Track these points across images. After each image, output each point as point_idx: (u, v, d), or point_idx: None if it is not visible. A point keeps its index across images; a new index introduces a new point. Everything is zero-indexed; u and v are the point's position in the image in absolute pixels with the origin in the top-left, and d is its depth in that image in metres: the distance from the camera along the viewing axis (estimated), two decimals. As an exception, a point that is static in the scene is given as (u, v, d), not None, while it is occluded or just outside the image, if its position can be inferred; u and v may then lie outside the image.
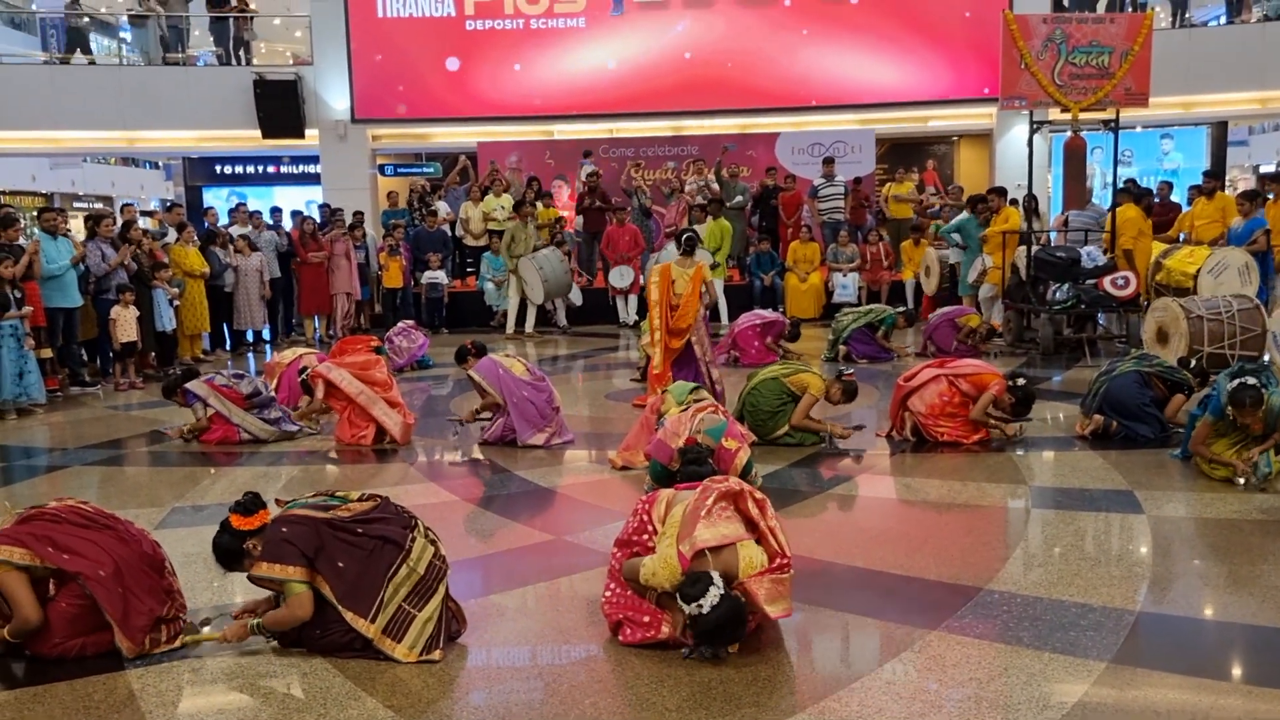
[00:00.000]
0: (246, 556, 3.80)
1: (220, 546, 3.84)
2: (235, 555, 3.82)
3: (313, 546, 3.69)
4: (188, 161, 21.88)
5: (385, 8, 17.36)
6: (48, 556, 3.71)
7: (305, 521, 3.75)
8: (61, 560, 3.72)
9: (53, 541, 3.74)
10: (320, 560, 3.69)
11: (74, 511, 3.90)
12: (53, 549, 3.73)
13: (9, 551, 3.70)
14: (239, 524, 3.79)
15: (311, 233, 13.42)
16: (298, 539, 3.69)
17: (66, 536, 3.78)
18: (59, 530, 3.79)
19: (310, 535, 3.71)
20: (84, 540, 3.79)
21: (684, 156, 16.69)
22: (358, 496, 3.94)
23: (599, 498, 6.00)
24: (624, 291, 14.19)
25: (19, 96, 17.16)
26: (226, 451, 7.37)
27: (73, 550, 3.75)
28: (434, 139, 18.78)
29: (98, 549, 3.78)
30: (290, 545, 3.68)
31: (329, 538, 3.72)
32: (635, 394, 8.89)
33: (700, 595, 3.50)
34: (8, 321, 8.61)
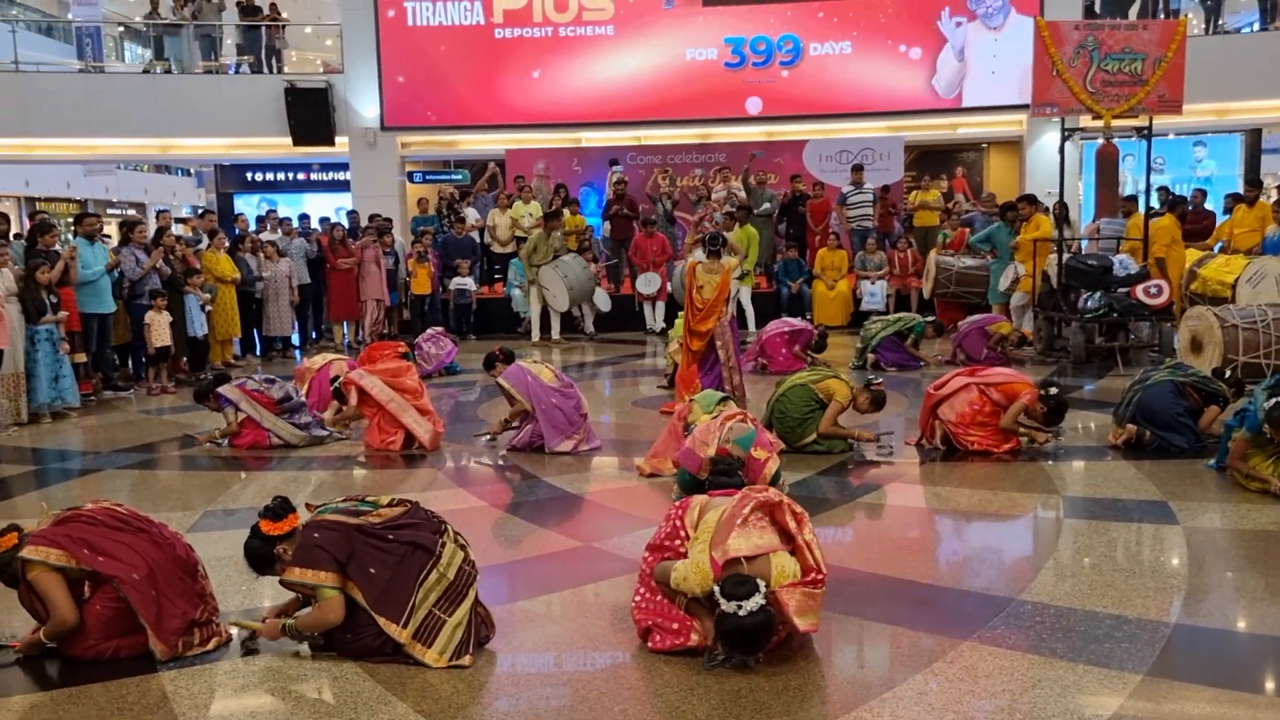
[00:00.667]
0: (277, 560, 3.82)
1: (251, 551, 3.87)
2: (266, 559, 3.85)
3: (344, 552, 3.71)
4: (219, 169, 22.09)
5: (415, 16, 17.46)
6: (83, 558, 3.75)
7: (336, 527, 3.77)
8: (96, 562, 3.76)
9: (88, 544, 3.78)
10: (351, 566, 3.71)
11: (109, 514, 3.94)
12: (88, 551, 3.77)
13: (45, 553, 3.74)
14: (268, 529, 3.82)
15: (341, 239, 13.51)
16: (329, 544, 3.71)
17: (101, 539, 3.82)
18: (94, 533, 3.83)
19: (341, 541, 3.73)
20: (118, 543, 3.83)
21: (711, 164, 16.70)
22: (388, 502, 3.96)
23: (627, 504, 6.00)
24: (651, 298, 14.19)
25: (54, 104, 17.38)
26: (257, 456, 7.43)
27: (107, 553, 3.79)
28: (462, 146, 18.86)
29: (132, 552, 3.82)
30: (322, 550, 3.70)
31: (360, 544, 3.74)
32: (663, 401, 8.88)
33: (745, 597, 3.48)
34: (44, 326, 8.72)
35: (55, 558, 3.74)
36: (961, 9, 17.01)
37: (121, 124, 17.65)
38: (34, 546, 3.77)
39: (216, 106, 17.69)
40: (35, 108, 17.25)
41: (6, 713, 3.52)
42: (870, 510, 5.81)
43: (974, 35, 17.14)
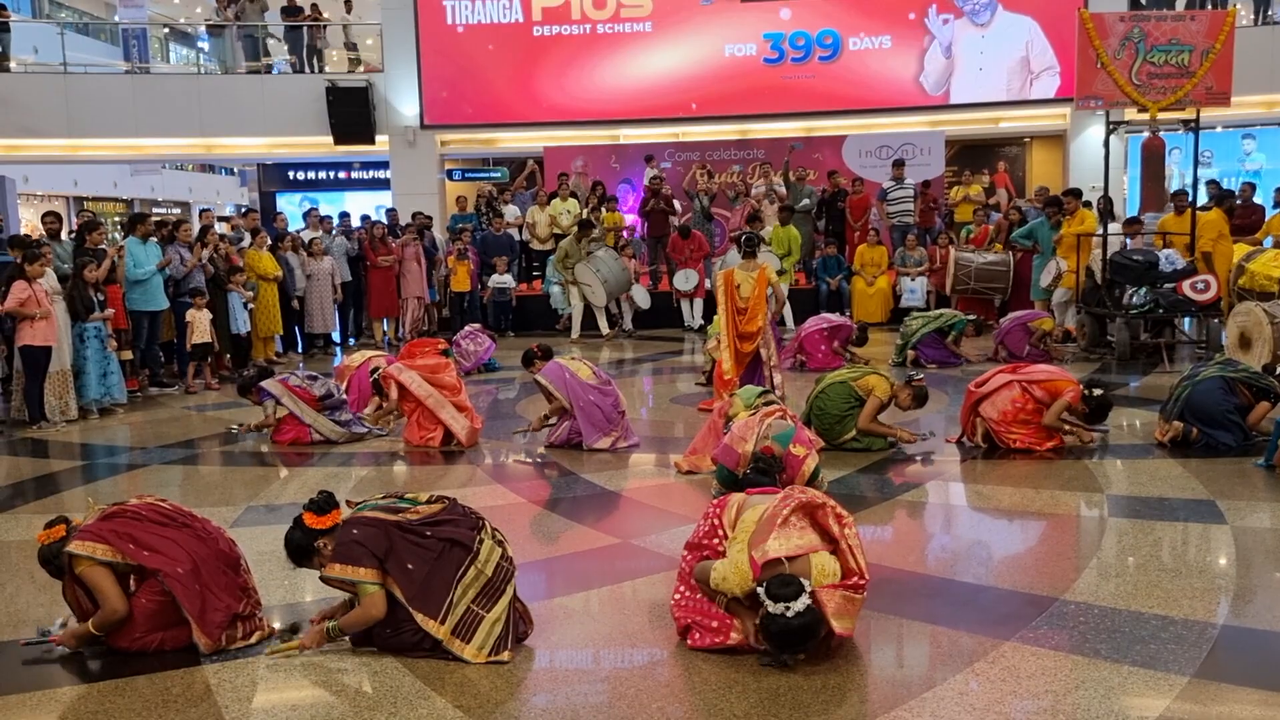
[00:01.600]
0: (317, 554, 3.86)
1: (292, 542, 3.91)
2: (306, 551, 3.89)
3: (383, 548, 3.74)
4: (262, 167, 22.34)
5: (454, 15, 17.57)
6: (129, 553, 3.81)
7: (375, 524, 3.79)
8: (142, 557, 3.82)
9: (134, 539, 3.84)
10: (390, 562, 3.74)
11: (154, 509, 3.99)
12: (134, 546, 3.82)
13: (92, 548, 3.80)
14: (312, 522, 3.85)
15: (381, 237, 13.61)
16: (368, 540, 3.74)
17: (147, 534, 3.88)
18: (140, 528, 3.89)
19: (380, 537, 3.76)
20: (163, 538, 3.89)
21: (750, 160, 16.65)
22: (426, 499, 3.98)
23: (665, 502, 6.00)
24: (688, 295, 14.17)
25: (102, 105, 17.67)
26: (299, 452, 7.51)
27: (152, 548, 3.84)
28: (501, 144, 18.96)
29: (176, 547, 3.88)
30: (361, 546, 3.73)
31: (398, 540, 3.77)
32: (701, 398, 8.86)
33: (791, 598, 3.46)
34: (92, 323, 8.87)
35: (102, 552, 3.80)
36: (949, 6, 16.99)
37: (167, 124, 17.92)
38: (80, 541, 3.83)
39: (259, 106, 17.91)
40: (83, 109, 17.56)
41: (54, 704, 3.59)
42: (910, 509, 5.76)
43: (960, 32, 17.18)
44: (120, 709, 3.49)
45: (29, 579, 4.90)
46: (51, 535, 3.91)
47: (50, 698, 3.63)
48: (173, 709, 3.47)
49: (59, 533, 3.90)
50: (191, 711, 3.45)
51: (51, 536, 3.91)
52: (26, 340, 8.30)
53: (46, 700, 3.61)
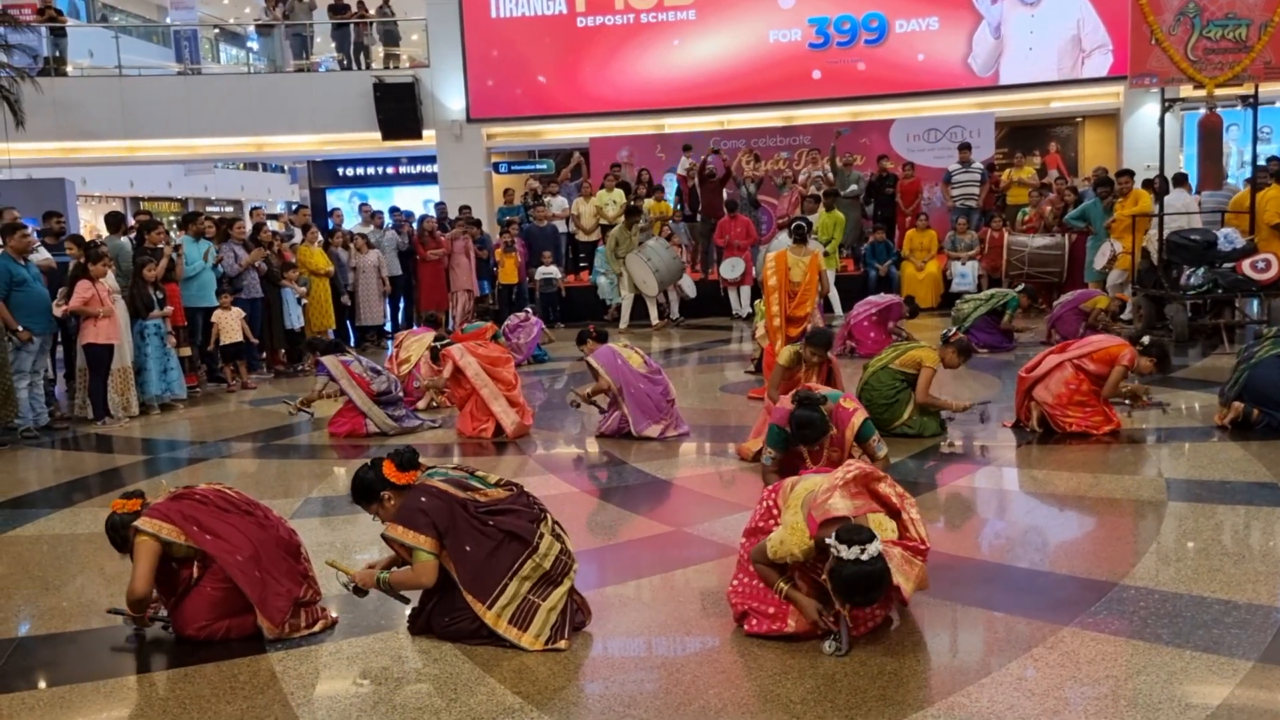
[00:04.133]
0: (379, 503, 3.91)
1: (362, 480, 3.94)
2: (369, 495, 3.92)
3: (445, 523, 3.77)
4: (312, 164, 22.61)
5: (498, 8, 17.66)
6: (192, 535, 3.90)
7: (443, 497, 3.83)
8: (204, 541, 3.90)
9: (198, 522, 3.94)
10: (449, 538, 3.77)
11: (219, 495, 4.09)
12: (197, 529, 3.91)
13: (158, 526, 3.90)
14: (389, 473, 3.88)
15: (430, 231, 13.73)
16: (432, 511, 3.78)
17: (210, 518, 3.97)
18: (204, 511, 3.98)
19: (444, 511, 3.79)
20: (225, 524, 3.98)
21: (796, 146, 16.55)
22: (495, 480, 4.01)
23: (716, 490, 6.01)
24: (736, 283, 14.13)
25: (156, 106, 17.99)
26: (354, 444, 7.62)
27: (214, 532, 3.93)
28: (546, 136, 19.02)
29: (238, 533, 3.96)
30: (425, 515, 3.77)
31: (461, 519, 3.80)
32: (750, 386, 8.86)
33: (865, 542, 3.40)
34: (152, 321, 9.06)
35: (167, 532, 3.90)
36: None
37: (219, 124, 18.20)
38: (149, 519, 3.93)
39: (308, 104, 18.12)
40: (138, 111, 17.89)
41: (124, 691, 3.69)
42: (966, 494, 5.72)
43: (1010, 11, 16.95)
44: (188, 696, 3.58)
45: (98, 572, 5.03)
46: (127, 506, 4.02)
47: (121, 685, 3.73)
48: (240, 695, 3.55)
49: (134, 505, 4.01)
50: (258, 698, 3.53)
51: (126, 507, 4.01)
52: (90, 338, 8.50)
53: (118, 688, 3.71)
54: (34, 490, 6.83)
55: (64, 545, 5.53)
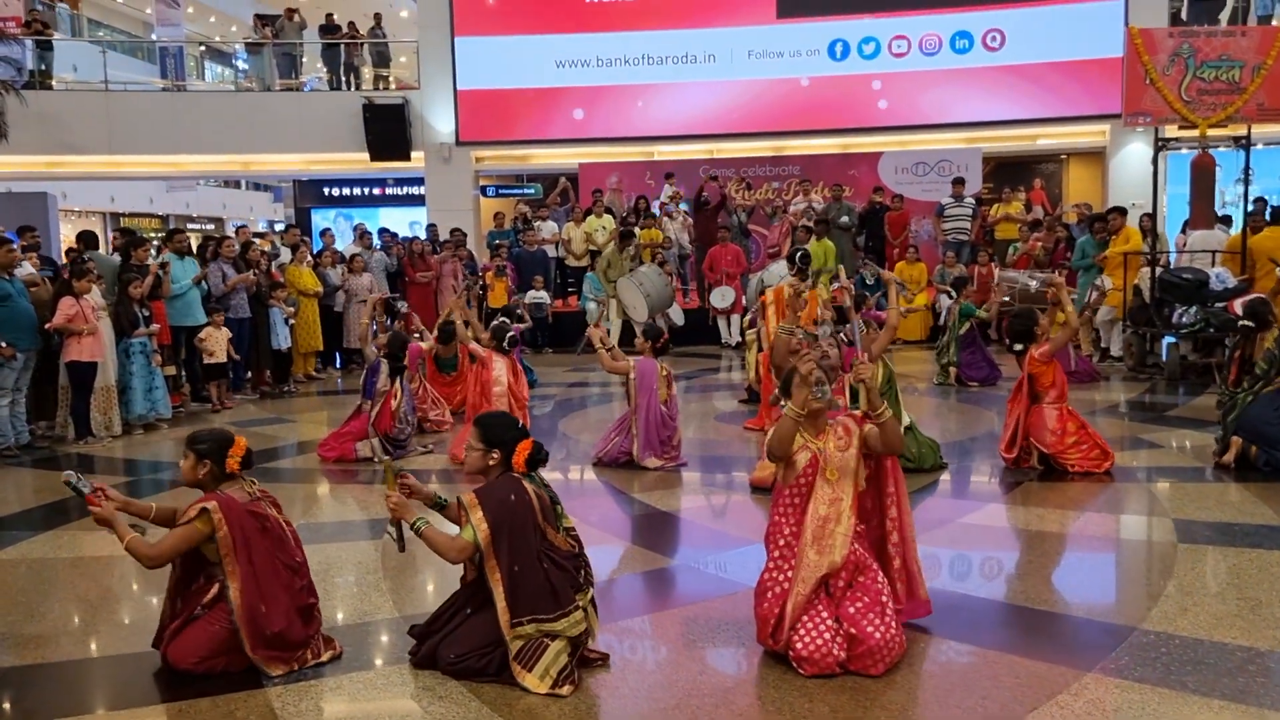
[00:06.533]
0: (488, 452, 3.78)
1: (504, 424, 3.87)
2: (496, 440, 3.80)
3: (506, 527, 3.65)
4: (298, 184, 22.48)
5: (490, 32, 17.64)
6: (231, 550, 3.72)
7: (526, 508, 3.71)
8: (233, 563, 3.73)
9: (249, 546, 3.77)
10: (502, 543, 3.65)
11: (277, 524, 3.92)
12: (245, 553, 3.75)
13: (220, 522, 3.72)
14: (518, 454, 3.75)
15: (420, 253, 13.61)
16: (505, 508, 3.67)
17: (257, 549, 3.80)
18: (258, 540, 3.81)
19: (516, 517, 3.67)
20: (263, 558, 3.81)
21: (786, 176, 16.58)
22: (567, 525, 3.88)
23: (719, 522, 5.93)
24: (725, 312, 14.08)
25: (141, 122, 17.82)
26: (343, 469, 7.47)
27: (250, 563, 3.76)
28: (535, 160, 18.98)
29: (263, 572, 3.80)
30: (500, 506, 3.67)
31: (527, 537, 3.68)
32: (745, 416, 8.78)
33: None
34: (137, 339, 8.89)
35: (222, 534, 3.72)
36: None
37: (205, 141, 18.05)
38: (219, 511, 3.75)
39: (296, 123, 18.00)
40: (123, 126, 17.71)
41: (116, 726, 3.54)
42: (974, 531, 5.64)
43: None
44: (185, 733, 3.43)
45: (76, 598, 4.88)
46: (229, 466, 3.86)
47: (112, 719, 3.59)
48: (238, 733, 3.41)
49: (234, 466, 3.86)
50: (257, 736, 3.39)
51: (229, 466, 3.86)
52: (73, 356, 8.31)
53: (109, 722, 3.56)
54: (14, 512, 6.64)
55: (46, 570, 5.35)
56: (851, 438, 3.86)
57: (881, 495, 4.00)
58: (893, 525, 3.99)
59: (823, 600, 3.72)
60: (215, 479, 3.87)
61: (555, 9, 17.64)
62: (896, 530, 3.99)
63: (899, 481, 4.04)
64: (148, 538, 3.83)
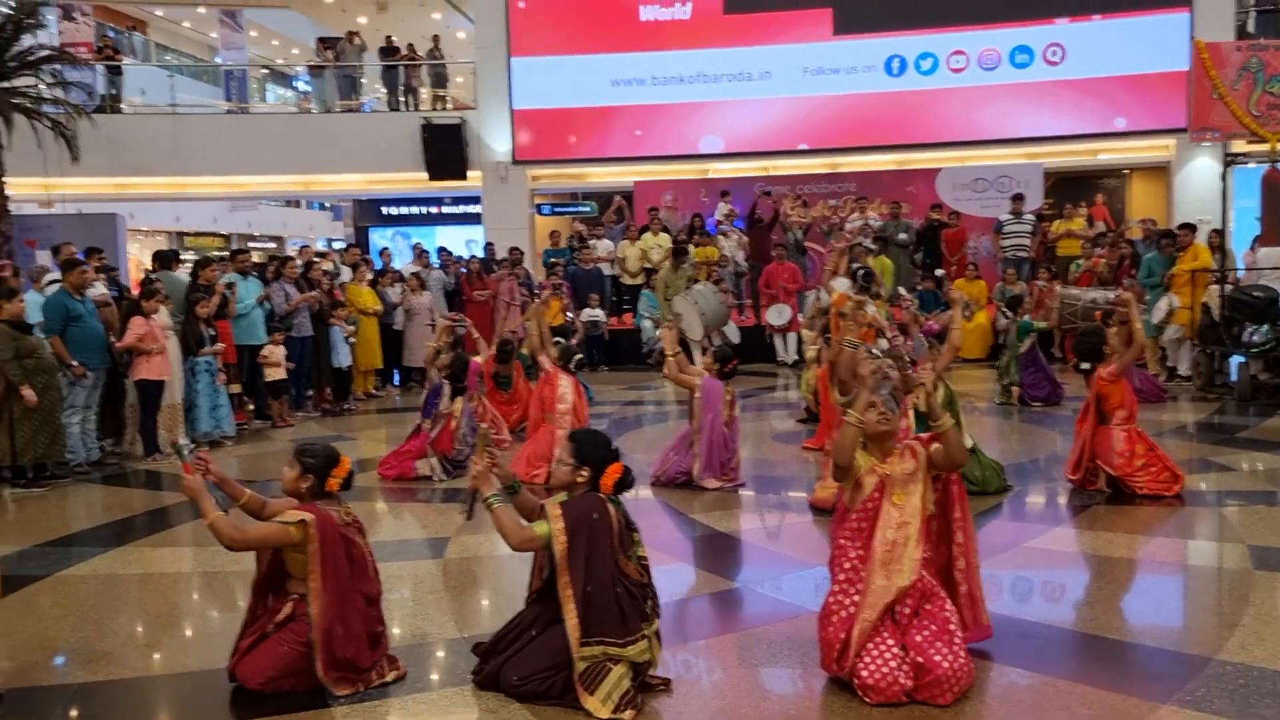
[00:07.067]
0: (578, 469, 3.80)
1: (599, 444, 3.87)
2: (589, 459, 3.80)
3: (586, 542, 3.65)
4: (357, 203, 22.82)
5: (546, 52, 17.79)
6: (318, 566, 3.77)
7: (606, 529, 3.70)
8: (317, 580, 3.76)
9: (335, 565, 3.81)
10: (578, 557, 3.64)
11: (361, 555, 3.96)
12: (331, 571, 3.79)
13: (312, 536, 3.76)
14: (607, 476, 3.77)
15: (477, 272, 13.73)
16: (586, 524, 3.66)
17: (343, 570, 3.84)
18: (343, 565, 3.85)
19: (596, 537, 3.67)
20: (345, 582, 3.85)
21: (841, 193, 16.50)
22: (640, 554, 3.86)
23: (779, 543, 5.88)
24: (782, 330, 14.02)
25: (206, 144, 18.21)
26: (404, 488, 7.53)
27: (332, 584, 3.80)
28: (591, 178, 19.09)
29: (343, 596, 3.83)
30: (581, 520, 3.67)
31: (603, 562, 3.67)
32: (803, 436, 8.72)
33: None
34: (203, 358, 9.06)
35: (313, 547, 3.76)
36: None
37: (266, 161, 18.40)
38: (315, 526, 3.78)
39: (356, 144, 18.29)
40: (189, 147, 18.11)
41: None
42: (1041, 556, 5.53)
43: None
44: (253, 751, 3.47)
45: (144, 614, 4.97)
46: (329, 485, 3.91)
47: (183, 737, 3.64)
48: (305, 753, 3.44)
49: (334, 485, 3.91)
50: (323, 756, 3.42)
51: (330, 485, 3.91)
52: (142, 374, 8.50)
53: (179, 740, 3.61)
54: (84, 528, 6.78)
55: (116, 586, 5.45)
56: (919, 461, 3.81)
57: (948, 520, 3.95)
58: (959, 551, 3.93)
59: (889, 627, 3.66)
60: (314, 494, 3.93)
61: (610, 28, 17.79)
62: (963, 556, 3.93)
63: (965, 507, 3.99)
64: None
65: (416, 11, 23.39)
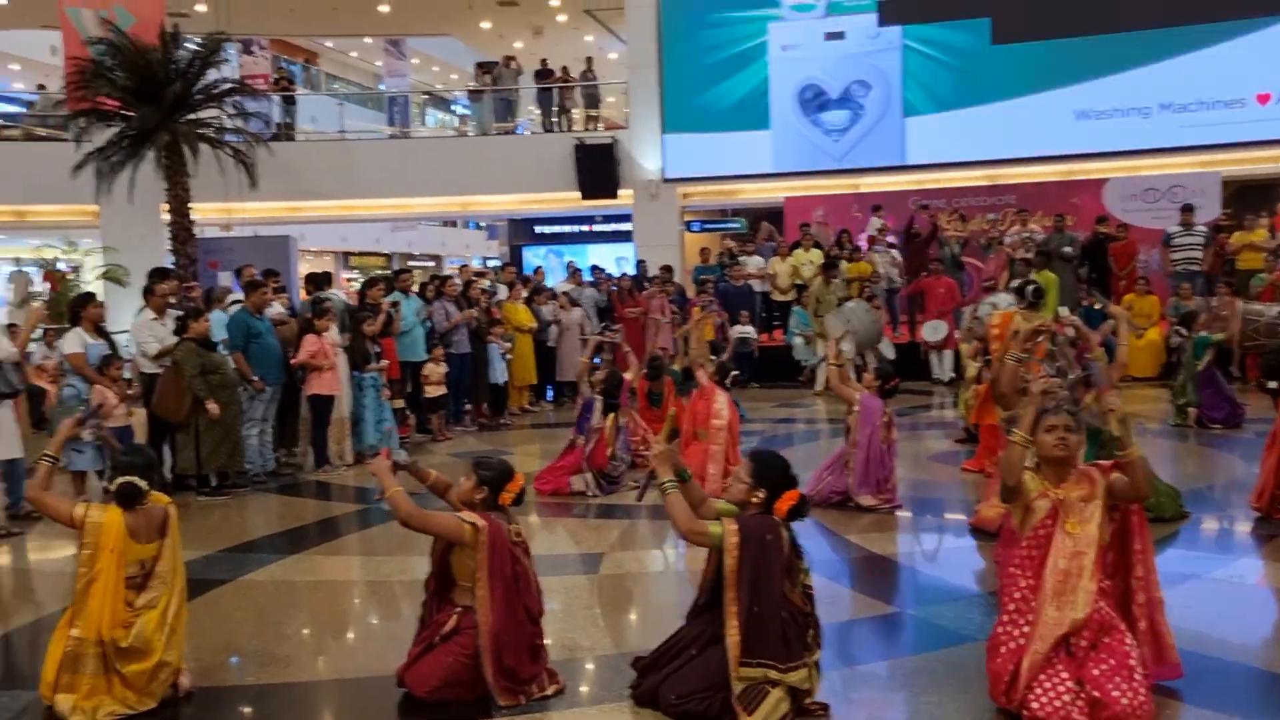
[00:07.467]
0: (754, 490, 3.77)
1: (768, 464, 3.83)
2: (766, 480, 3.79)
3: (755, 562, 3.63)
4: (511, 222, 23.43)
5: (696, 70, 17.90)
6: (486, 575, 3.87)
7: (777, 553, 3.68)
8: (485, 587, 3.87)
9: (503, 576, 3.91)
10: (745, 575, 3.62)
11: (526, 574, 4.05)
12: (500, 584, 3.90)
13: (481, 544, 3.86)
14: (783, 501, 3.74)
15: (629, 289, 13.89)
16: (759, 544, 3.64)
17: (510, 586, 3.94)
18: (510, 578, 3.95)
19: (767, 558, 3.65)
20: (511, 594, 3.95)
21: (1001, 206, 16.00)
22: (806, 582, 3.83)
23: (939, 567, 5.73)
24: (937, 347, 13.66)
25: (372, 168, 19.01)
26: (558, 503, 7.65)
27: (499, 592, 3.90)
28: (741, 195, 19.07)
29: (510, 607, 3.93)
30: (754, 539, 3.65)
31: (774, 583, 3.66)
32: (962, 457, 8.47)
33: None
34: (369, 373, 9.44)
35: (482, 553, 3.87)
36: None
37: (427, 183, 19.06)
38: (487, 534, 3.88)
39: (511, 165, 18.78)
40: (356, 171, 18.95)
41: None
42: (1224, 588, 5.20)
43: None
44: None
45: (316, 620, 5.19)
46: (502, 498, 4.04)
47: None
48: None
49: (507, 499, 4.04)
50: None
51: (503, 499, 4.04)
52: (314, 389, 8.91)
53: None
54: (261, 535, 7.13)
55: (291, 592, 5.72)
56: (1095, 487, 3.65)
57: (1127, 551, 3.76)
58: (1139, 584, 3.74)
59: (1062, 659, 3.51)
60: (486, 506, 4.06)
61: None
62: (1143, 590, 3.74)
63: (1146, 538, 3.80)
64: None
65: (571, 34, 23.93)
